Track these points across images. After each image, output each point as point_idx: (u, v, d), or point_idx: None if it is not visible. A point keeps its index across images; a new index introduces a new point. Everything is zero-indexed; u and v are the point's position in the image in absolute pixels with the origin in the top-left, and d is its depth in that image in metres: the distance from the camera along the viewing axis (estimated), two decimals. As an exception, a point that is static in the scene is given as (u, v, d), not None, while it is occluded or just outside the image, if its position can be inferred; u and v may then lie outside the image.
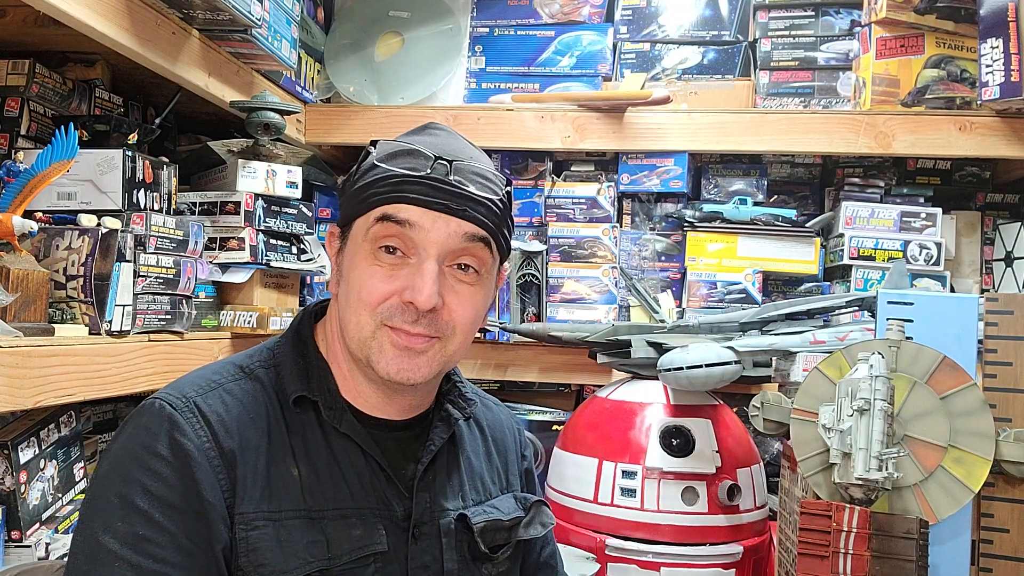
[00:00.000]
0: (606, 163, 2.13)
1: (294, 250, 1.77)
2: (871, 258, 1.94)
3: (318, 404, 0.95)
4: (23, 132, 1.40)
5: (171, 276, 1.40)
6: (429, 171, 0.91)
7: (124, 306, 1.28)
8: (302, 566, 0.87)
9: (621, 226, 2.09)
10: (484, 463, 1.08)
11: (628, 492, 1.53)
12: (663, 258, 2.07)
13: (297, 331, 1.01)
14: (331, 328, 1.00)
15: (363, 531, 0.91)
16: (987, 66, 1.78)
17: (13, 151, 1.34)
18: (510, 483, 1.11)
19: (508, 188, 0.97)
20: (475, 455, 1.08)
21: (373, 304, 0.91)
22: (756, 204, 2.03)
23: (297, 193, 1.72)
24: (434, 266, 0.91)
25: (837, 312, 1.81)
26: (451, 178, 0.91)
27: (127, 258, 1.29)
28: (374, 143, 0.96)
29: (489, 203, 0.93)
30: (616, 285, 2.01)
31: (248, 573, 0.86)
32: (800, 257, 1.98)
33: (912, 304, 1.30)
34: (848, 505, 1.13)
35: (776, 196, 2.13)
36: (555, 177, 2.10)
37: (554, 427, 2.00)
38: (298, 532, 0.88)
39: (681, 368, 1.50)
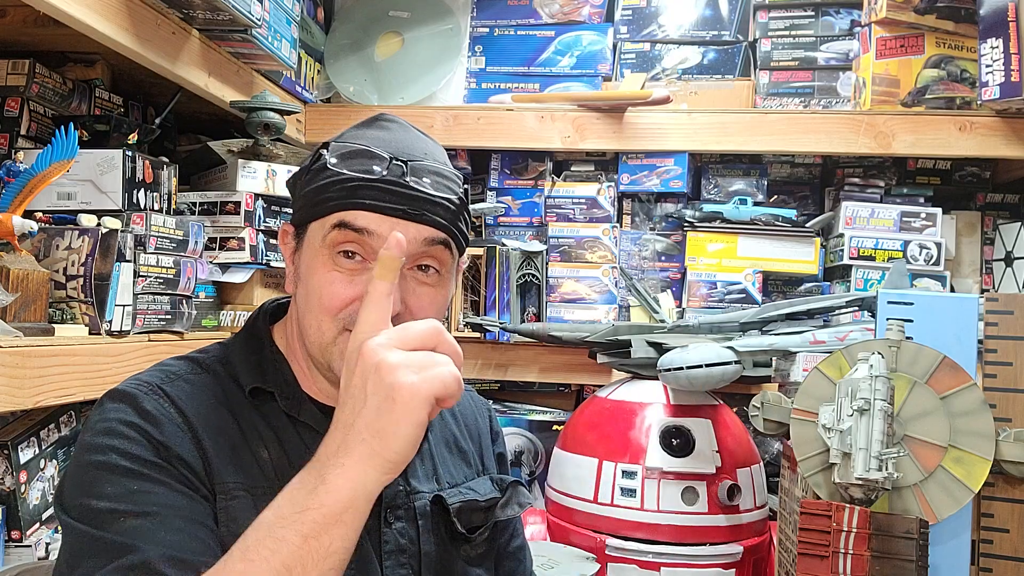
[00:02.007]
0: (606, 163, 2.13)
1: (294, 250, 1.77)
2: (871, 258, 1.94)
3: (275, 395, 0.94)
4: (23, 132, 1.40)
5: (171, 276, 1.40)
6: (385, 172, 0.89)
7: (124, 306, 1.28)
8: None
9: (621, 226, 2.09)
10: (456, 448, 1.08)
11: (628, 492, 1.53)
12: (663, 258, 2.07)
13: (251, 329, 1.01)
14: (291, 329, 0.99)
15: None
16: (987, 66, 1.78)
17: (13, 151, 1.34)
18: (485, 466, 1.11)
19: (465, 185, 0.95)
20: (447, 440, 1.08)
21: (334, 310, 0.90)
22: (756, 204, 2.03)
23: (297, 193, 1.72)
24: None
25: (837, 312, 1.81)
26: (408, 179, 0.89)
27: (127, 258, 1.29)
28: (326, 144, 0.93)
29: (446, 203, 0.91)
30: (616, 285, 2.01)
31: (228, 543, 0.83)
32: (800, 257, 1.98)
33: (912, 304, 1.30)
34: (848, 505, 1.13)
35: (776, 196, 2.13)
36: (555, 177, 2.10)
37: (554, 427, 2.00)
38: None
39: (681, 368, 1.50)
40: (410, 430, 0.73)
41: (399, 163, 0.89)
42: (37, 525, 1.29)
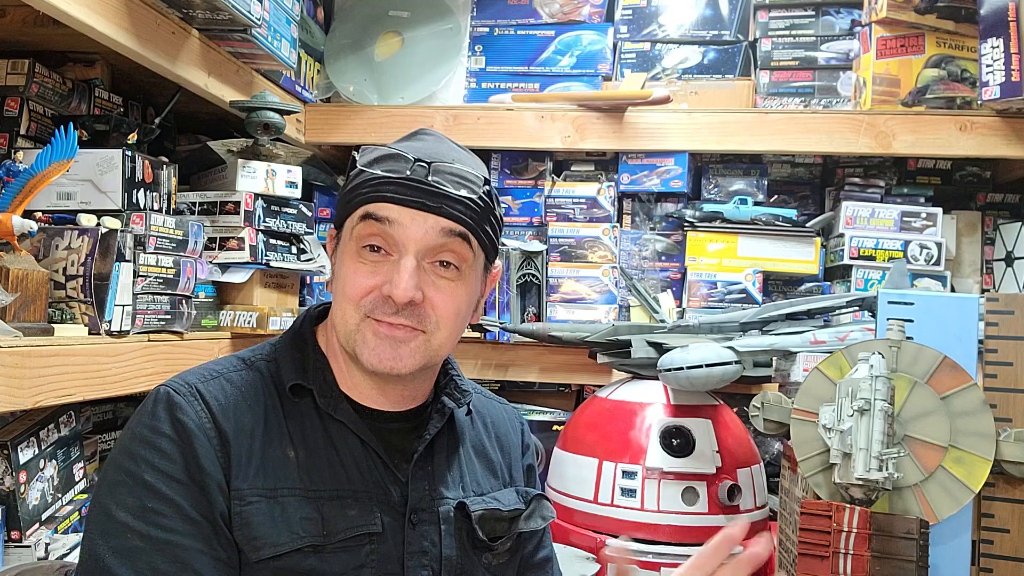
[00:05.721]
0: (606, 163, 2.12)
1: (294, 250, 1.77)
2: (871, 258, 1.94)
3: (313, 392, 0.98)
4: (23, 132, 1.40)
5: (171, 276, 1.39)
6: (409, 172, 0.95)
7: (124, 306, 1.28)
8: (295, 540, 0.90)
9: (621, 226, 2.08)
10: (484, 457, 1.11)
11: (628, 492, 1.53)
12: (663, 258, 2.07)
13: (298, 329, 1.06)
14: (330, 328, 1.03)
15: (358, 512, 0.94)
16: (987, 66, 1.78)
17: (13, 151, 1.34)
18: (513, 478, 1.13)
19: (486, 187, 0.99)
20: (477, 449, 1.10)
21: (356, 298, 0.95)
22: (756, 204, 2.03)
23: (297, 193, 1.72)
24: (412, 261, 0.94)
25: (837, 312, 1.81)
26: (430, 179, 0.95)
27: (127, 258, 1.29)
28: (357, 148, 1.00)
29: (467, 201, 0.96)
30: (616, 285, 2.01)
31: (243, 547, 0.89)
32: (800, 257, 1.98)
33: (912, 304, 1.30)
34: (848, 505, 1.13)
35: (776, 196, 2.13)
36: (555, 177, 2.10)
37: (554, 427, 2.00)
38: (293, 508, 0.92)
39: (681, 368, 1.50)
40: None
41: (423, 164, 0.95)
42: (37, 525, 1.29)
